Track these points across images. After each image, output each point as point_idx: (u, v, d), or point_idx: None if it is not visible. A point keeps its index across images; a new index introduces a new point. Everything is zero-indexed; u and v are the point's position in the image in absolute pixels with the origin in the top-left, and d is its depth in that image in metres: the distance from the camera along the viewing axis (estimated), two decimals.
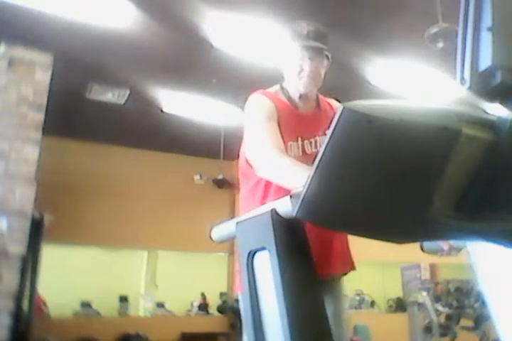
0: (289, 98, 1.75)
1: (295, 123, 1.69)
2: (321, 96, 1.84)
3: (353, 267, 1.78)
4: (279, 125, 1.63)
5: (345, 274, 1.78)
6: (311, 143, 1.70)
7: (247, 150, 1.67)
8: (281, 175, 1.39)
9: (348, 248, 1.78)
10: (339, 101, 1.88)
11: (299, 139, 1.69)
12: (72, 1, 4.34)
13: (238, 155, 1.81)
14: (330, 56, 1.75)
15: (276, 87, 1.79)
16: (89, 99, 6.23)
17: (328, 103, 1.85)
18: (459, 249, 1.37)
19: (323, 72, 1.75)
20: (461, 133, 0.73)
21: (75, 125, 6.88)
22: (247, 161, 1.70)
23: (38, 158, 3.97)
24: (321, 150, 0.76)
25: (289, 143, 1.66)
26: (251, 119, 1.67)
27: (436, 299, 5.72)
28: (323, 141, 0.76)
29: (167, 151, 8.17)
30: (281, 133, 1.62)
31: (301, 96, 1.75)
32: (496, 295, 0.99)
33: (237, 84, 5.73)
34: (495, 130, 0.76)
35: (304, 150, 1.69)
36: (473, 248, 1.03)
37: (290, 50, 1.72)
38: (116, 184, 7.82)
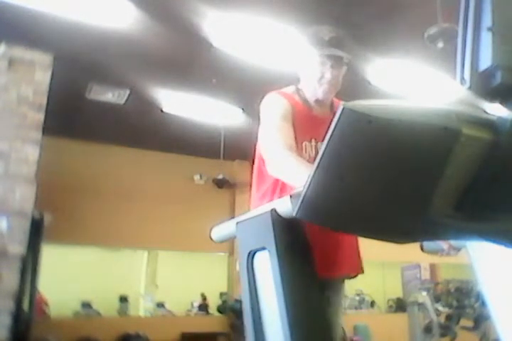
0: (305, 100, 1.77)
1: (309, 125, 1.70)
2: (335, 99, 1.85)
3: (361, 271, 1.78)
4: (293, 125, 1.65)
5: (355, 277, 1.78)
6: None
7: (261, 150, 1.68)
8: (287, 173, 1.44)
9: (357, 250, 1.78)
10: None
11: (313, 140, 1.71)
12: (72, 1, 4.34)
13: (254, 157, 1.81)
14: (349, 61, 1.76)
15: (292, 88, 1.80)
16: (89, 99, 6.23)
17: None
18: (458, 249, 1.37)
19: (341, 78, 1.78)
20: (461, 133, 0.73)
21: (75, 125, 6.88)
22: (262, 160, 1.71)
23: (38, 158, 3.97)
24: (321, 150, 0.76)
25: (304, 143, 1.68)
26: (266, 117, 1.69)
27: (436, 299, 5.72)
28: None
29: (167, 151, 8.17)
30: (295, 133, 1.64)
31: (317, 101, 1.77)
32: (495, 295, 0.99)
33: (237, 84, 5.73)
34: (495, 130, 0.76)
35: (317, 152, 1.69)
36: (473, 248, 1.03)
37: (310, 55, 1.73)
38: (116, 184, 7.82)
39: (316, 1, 4.38)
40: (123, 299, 7.92)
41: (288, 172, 1.43)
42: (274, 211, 0.96)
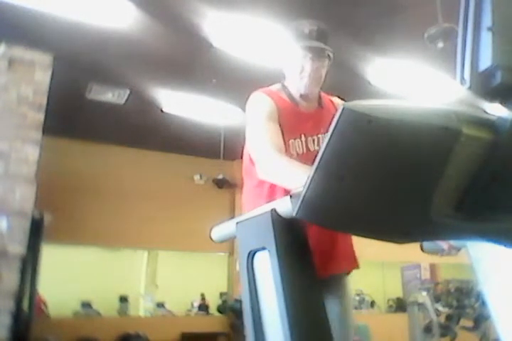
0: (290, 96, 1.75)
1: (297, 121, 1.69)
2: (323, 94, 1.84)
3: (356, 266, 1.78)
4: (280, 123, 1.64)
5: (348, 273, 1.78)
6: (313, 140, 1.70)
7: (249, 151, 1.68)
8: (280, 175, 1.42)
9: (351, 246, 1.78)
10: (343, 99, 1.88)
11: (302, 136, 1.69)
12: (72, 1, 4.34)
13: (242, 155, 1.81)
14: (332, 55, 1.74)
15: (277, 86, 1.80)
16: (89, 99, 6.23)
17: (331, 101, 1.85)
18: (458, 249, 1.37)
19: (324, 71, 1.75)
20: (461, 133, 0.73)
21: (75, 125, 6.88)
22: (250, 160, 1.70)
23: (38, 158, 3.97)
24: (321, 150, 0.76)
25: (291, 141, 1.66)
26: (252, 119, 1.68)
27: (436, 299, 5.72)
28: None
29: (167, 151, 8.16)
30: (282, 131, 1.63)
31: (301, 96, 1.75)
32: (495, 294, 0.99)
33: (237, 84, 5.72)
34: (495, 130, 0.76)
35: (307, 148, 1.69)
36: (473, 248, 1.03)
37: (291, 49, 1.72)
38: (116, 184, 7.82)
39: (316, 1, 4.38)
40: (123, 299, 7.91)
41: (281, 174, 1.41)
42: (274, 211, 0.96)
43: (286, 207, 0.93)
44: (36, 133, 4.00)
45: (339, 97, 1.88)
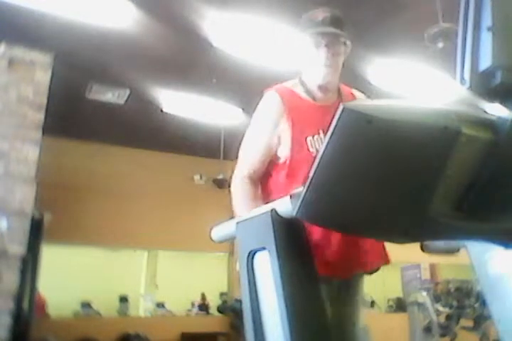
0: (308, 91, 1.67)
1: (313, 117, 1.61)
2: (343, 86, 1.76)
3: (386, 262, 1.68)
4: (292, 123, 1.58)
5: (376, 270, 1.70)
6: None
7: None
8: (234, 200, 1.61)
9: (380, 241, 1.64)
10: (361, 92, 1.84)
11: (321, 132, 1.59)
12: (72, 1, 4.34)
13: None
14: (348, 42, 1.67)
15: (293, 81, 1.72)
16: (89, 99, 6.23)
17: (352, 93, 1.78)
18: (458, 249, 1.37)
19: (341, 59, 1.68)
20: (461, 133, 0.73)
21: (75, 125, 6.88)
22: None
23: (38, 158, 3.97)
24: (321, 150, 0.76)
25: (308, 139, 1.58)
26: (251, 123, 1.69)
27: (436, 299, 5.72)
28: None
29: (167, 151, 8.17)
30: (295, 129, 1.58)
31: (320, 87, 1.67)
32: (495, 295, 0.99)
33: (237, 84, 5.73)
34: (495, 130, 0.76)
35: None
36: (473, 248, 1.03)
37: (305, 39, 1.65)
38: (116, 184, 7.82)
39: (316, 1, 4.37)
40: (123, 299, 7.92)
41: (235, 200, 1.61)
42: (274, 211, 0.96)
43: (286, 207, 0.93)
44: (36, 133, 4.00)
45: (358, 90, 1.82)
